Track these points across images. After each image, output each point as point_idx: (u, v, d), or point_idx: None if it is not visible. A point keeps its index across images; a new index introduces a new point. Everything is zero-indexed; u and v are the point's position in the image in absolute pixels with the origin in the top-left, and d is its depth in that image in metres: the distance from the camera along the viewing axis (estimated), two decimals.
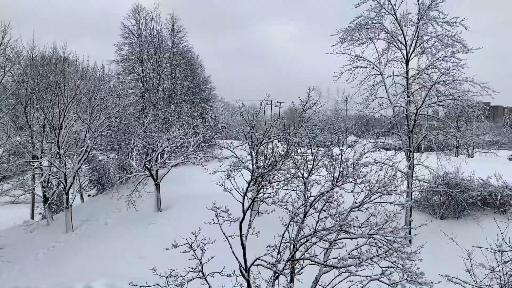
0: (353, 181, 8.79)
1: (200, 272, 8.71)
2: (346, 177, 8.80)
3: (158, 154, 24.19)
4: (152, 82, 41.39)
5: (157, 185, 24.33)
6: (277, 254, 8.13)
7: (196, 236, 8.86)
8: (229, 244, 8.48)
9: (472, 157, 51.77)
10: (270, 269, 8.12)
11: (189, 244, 8.73)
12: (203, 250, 8.86)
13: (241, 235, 8.50)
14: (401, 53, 18.72)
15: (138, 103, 37.21)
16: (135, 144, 24.18)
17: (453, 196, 18.84)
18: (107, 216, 25.28)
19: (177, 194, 25.87)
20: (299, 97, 13.36)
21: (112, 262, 17.66)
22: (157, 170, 24.54)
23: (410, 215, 17.51)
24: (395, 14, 18.29)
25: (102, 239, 21.18)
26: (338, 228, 8.01)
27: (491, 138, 56.77)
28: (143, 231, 21.31)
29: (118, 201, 24.99)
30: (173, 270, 8.81)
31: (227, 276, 8.77)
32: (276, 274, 8.18)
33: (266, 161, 8.90)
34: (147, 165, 23.57)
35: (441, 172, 19.67)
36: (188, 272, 8.77)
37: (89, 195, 36.38)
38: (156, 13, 42.43)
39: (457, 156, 40.23)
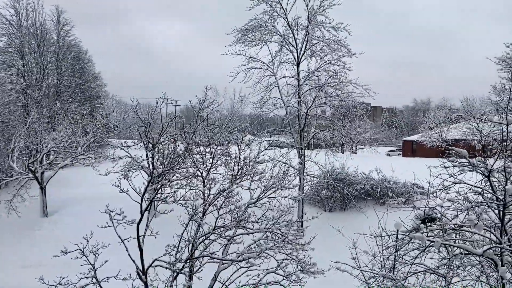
0: (250, 178, 9.07)
1: (94, 278, 8.29)
2: (244, 175, 9.04)
3: (43, 155, 22.43)
4: (35, 77, 38.10)
5: (42, 189, 22.54)
6: (176, 254, 8.06)
7: (88, 241, 8.41)
8: (125, 247, 8.19)
9: (355, 153, 56.06)
10: (168, 269, 8.02)
11: (80, 250, 8.26)
12: (96, 255, 8.45)
13: (138, 237, 8.27)
14: (293, 55, 19.67)
15: (19, 100, 34.02)
16: (16, 144, 22.13)
17: (340, 189, 20.28)
18: None
19: (65, 198, 24.24)
20: (196, 96, 13.37)
21: None
22: (42, 172, 22.74)
23: (303, 209, 18.50)
24: (286, 18, 19.13)
25: None
26: (236, 224, 8.19)
27: (371, 136, 62.00)
28: (27, 239, 19.61)
29: None
30: (63, 278, 8.27)
31: (123, 280, 8.46)
32: (175, 274, 8.11)
33: (165, 161, 8.76)
34: (30, 167, 21.74)
35: (329, 168, 21.06)
36: (80, 279, 8.30)
37: None
38: (39, 3, 39.17)
39: (343, 153, 43.35)
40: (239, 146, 9.25)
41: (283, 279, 8.27)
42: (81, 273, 8.28)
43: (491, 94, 19.42)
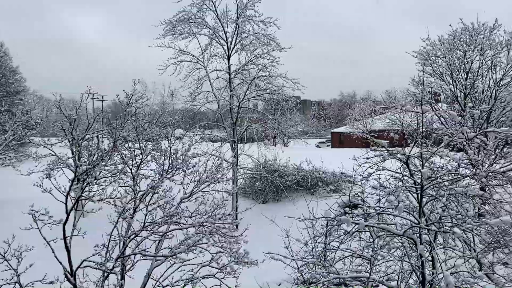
0: (183, 173, 8.98)
1: (17, 284, 7.83)
2: (175, 169, 8.93)
3: None
4: None
5: None
6: (106, 253, 7.81)
7: (9, 245, 7.92)
8: (51, 248, 7.81)
9: (287, 145, 57.31)
10: (98, 269, 7.76)
11: (1, 254, 7.77)
12: (19, 259, 7.98)
13: (64, 238, 7.92)
14: (223, 48, 19.66)
15: None
16: None
17: (273, 181, 20.68)
18: None
19: None
20: (124, 90, 12.97)
21: None
22: None
23: (236, 201, 18.64)
24: (216, 11, 19.06)
25: None
26: (169, 220, 8.09)
27: (302, 129, 63.77)
28: None
29: None
30: None
31: (49, 283, 8.07)
32: (106, 274, 7.86)
33: (91, 157, 8.43)
34: None
35: (262, 160, 21.39)
36: (2, 285, 7.81)
37: None
38: None
39: (275, 145, 44.09)
40: (169, 140, 9.12)
41: (218, 272, 8.31)
42: (2, 279, 7.79)
43: (410, 86, 20.65)
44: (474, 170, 6.99)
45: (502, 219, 5.08)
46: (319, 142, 69.06)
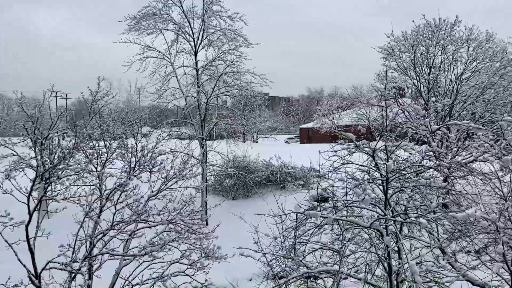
0: (150, 170, 8.85)
1: None
2: (142, 167, 8.80)
3: None
4: None
5: None
6: (72, 254, 7.62)
7: None
8: (14, 251, 7.56)
9: (256, 142, 57.45)
10: (64, 270, 7.56)
11: None
12: None
13: (28, 239, 7.68)
14: (190, 44, 19.46)
15: None
16: None
17: (242, 177, 20.68)
18: None
19: None
20: (88, 87, 12.65)
21: None
22: None
23: (206, 198, 18.53)
24: (181, 6, 18.85)
25: None
26: (137, 218, 7.96)
27: (271, 125, 64.02)
28: None
29: None
30: None
31: (13, 287, 7.81)
32: (72, 275, 7.67)
33: (52, 156, 8.18)
34: None
35: (231, 157, 21.35)
36: None
37: None
38: None
39: (244, 142, 44.07)
40: (135, 138, 8.97)
41: (188, 268, 8.25)
42: None
43: (375, 82, 21.05)
44: (437, 162, 7.19)
45: (468, 213, 5.23)
46: (288, 138, 69.58)
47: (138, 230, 8.26)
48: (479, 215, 5.43)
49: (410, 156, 7.39)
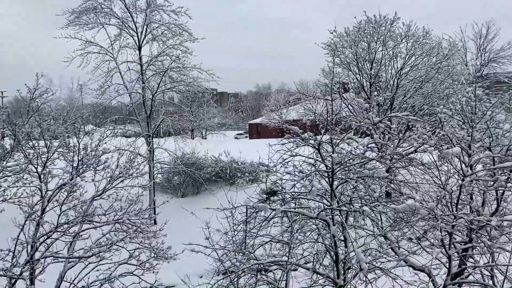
0: (94, 169, 8.57)
1: None
2: (86, 166, 8.50)
3: None
4: None
5: None
6: (12, 258, 7.24)
7: None
8: None
9: (205, 138, 57.07)
10: (4, 276, 7.17)
11: None
12: None
13: None
14: (133, 39, 18.95)
15: None
16: None
17: (192, 174, 20.51)
18: None
19: None
20: (26, 85, 12.03)
21: None
22: None
23: (154, 196, 18.21)
24: (124, 0, 18.31)
25: None
26: (81, 219, 7.69)
27: (220, 121, 63.79)
28: None
29: None
30: None
31: None
32: (13, 280, 7.29)
33: None
34: None
35: (179, 154, 21.10)
36: None
37: None
38: None
39: (193, 138, 43.70)
40: (78, 136, 8.65)
41: (136, 269, 8.08)
42: None
43: (321, 77, 21.53)
44: (379, 154, 7.47)
45: (408, 204, 5.48)
46: (238, 134, 69.62)
47: (83, 231, 8.00)
48: (418, 205, 5.71)
49: (354, 149, 7.64)
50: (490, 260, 7.87)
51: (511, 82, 32.48)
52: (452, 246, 6.77)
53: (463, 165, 6.80)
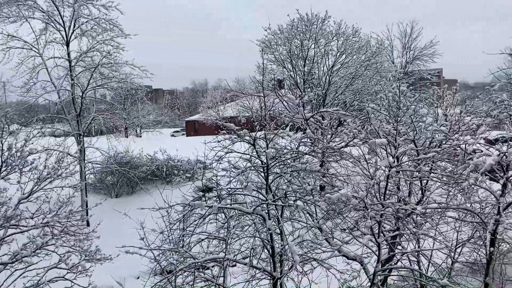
0: (19, 171, 8.12)
1: None
2: (10, 167, 8.03)
3: None
4: None
5: None
6: None
7: None
8: None
9: (140, 136, 55.65)
10: None
11: None
12: None
13: None
14: (61, 34, 18.04)
15: None
16: None
17: (126, 173, 19.95)
18: None
19: None
20: None
21: None
22: None
23: (86, 197, 17.54)
24: None
25: None
26: (6, 223, 7.26)
27: (155, 118, 62.47)
28: None
29: None
30: None
31: None
32: None
33: None
34: None
35: (112, 153, 20.43)
36: None
37: None
38: None
39: (127, 137, 42.46)
40: (1, 136, 8.13)
41: (68, 272, 7.76)
42: None
43: (256, 74, 21.75)
44: (312, 148, 7.72)
45: (342, 193, 5.71)
46: (174, 132, 68.57)
47: (8, 236, 7.55)
48: (350, 194, 5.98)
49: (288, 143, 7.82)
50: (416, 246, 8.41)
51: (432, 79, 34.71)
52: (381, 234, 7.14)
53: (390, 157, 7.19)
